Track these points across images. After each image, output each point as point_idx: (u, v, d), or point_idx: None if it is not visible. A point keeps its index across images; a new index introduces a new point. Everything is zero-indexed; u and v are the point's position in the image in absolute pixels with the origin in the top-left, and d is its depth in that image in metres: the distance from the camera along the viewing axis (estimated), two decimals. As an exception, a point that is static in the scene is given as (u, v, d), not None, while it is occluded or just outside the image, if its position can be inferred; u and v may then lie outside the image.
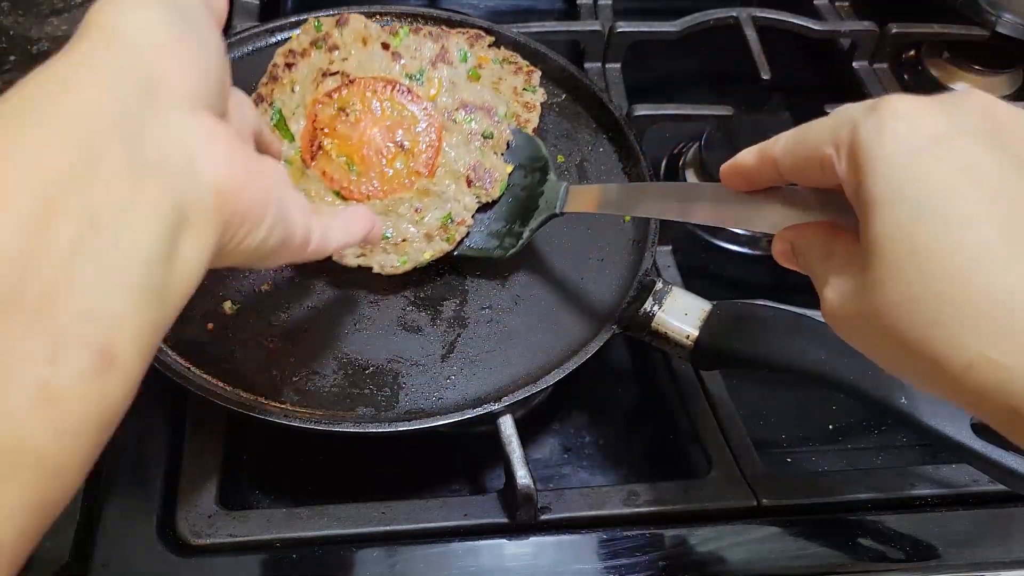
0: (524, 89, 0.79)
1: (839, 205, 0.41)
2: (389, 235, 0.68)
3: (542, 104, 0.78)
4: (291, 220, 0.44)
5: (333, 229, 0.51)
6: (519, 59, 0.81)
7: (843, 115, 0.39)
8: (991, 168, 0.34)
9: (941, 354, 0.34)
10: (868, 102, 0.38)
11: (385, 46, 0.73)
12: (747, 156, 0.45)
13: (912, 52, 1.03)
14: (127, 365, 0.32)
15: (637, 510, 0.62)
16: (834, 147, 0.38)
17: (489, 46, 0.82)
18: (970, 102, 0.37)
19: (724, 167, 0.47)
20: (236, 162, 0.37)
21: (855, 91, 0.94)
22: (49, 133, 0.31)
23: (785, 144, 0.42)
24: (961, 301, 0.33)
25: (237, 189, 0.37)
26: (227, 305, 0.65)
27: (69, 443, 0.30)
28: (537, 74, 0.80)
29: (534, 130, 0.76)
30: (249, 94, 0.52)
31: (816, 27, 0.94)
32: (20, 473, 0.29)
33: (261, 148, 0.51)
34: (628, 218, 0.73)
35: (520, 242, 0.67)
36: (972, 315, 0.33)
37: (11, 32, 0.84)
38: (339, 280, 0.68)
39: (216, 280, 0.66)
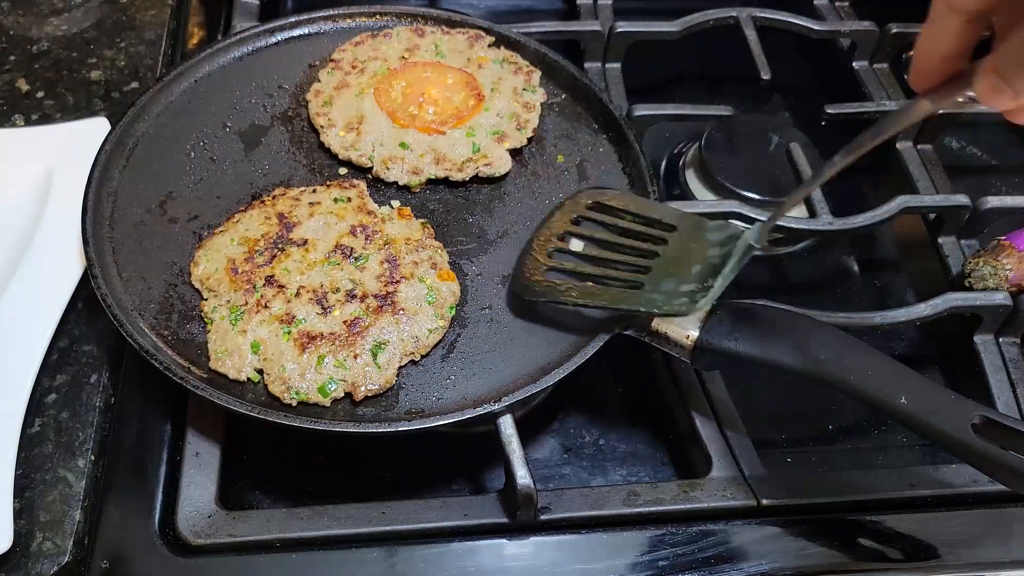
0: (524, 89, 0.79)
1: None
2: None
3: (542, 104, 0.78)
4: None
5: None
6: (519, 59, 0.81)
7: None
8: None
9: None
10: None
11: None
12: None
13: (912, 52, 1.02)
14: None
15: (637, 510, 0.62)
16: None
17: (489, 46, 0.82)
18: None
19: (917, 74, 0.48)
20: None
21: (855, 91, 0.94)
22: None
23: None
24: None
25: None
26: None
27: None
28: (537, 74, 0.81)
29: (534, 130, 0.77)
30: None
31: (816, 27, 0.94)
32: None
33: None
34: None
35: (712, 291, 0.59)
36: None
37: (11, 32, 0.84)
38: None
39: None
